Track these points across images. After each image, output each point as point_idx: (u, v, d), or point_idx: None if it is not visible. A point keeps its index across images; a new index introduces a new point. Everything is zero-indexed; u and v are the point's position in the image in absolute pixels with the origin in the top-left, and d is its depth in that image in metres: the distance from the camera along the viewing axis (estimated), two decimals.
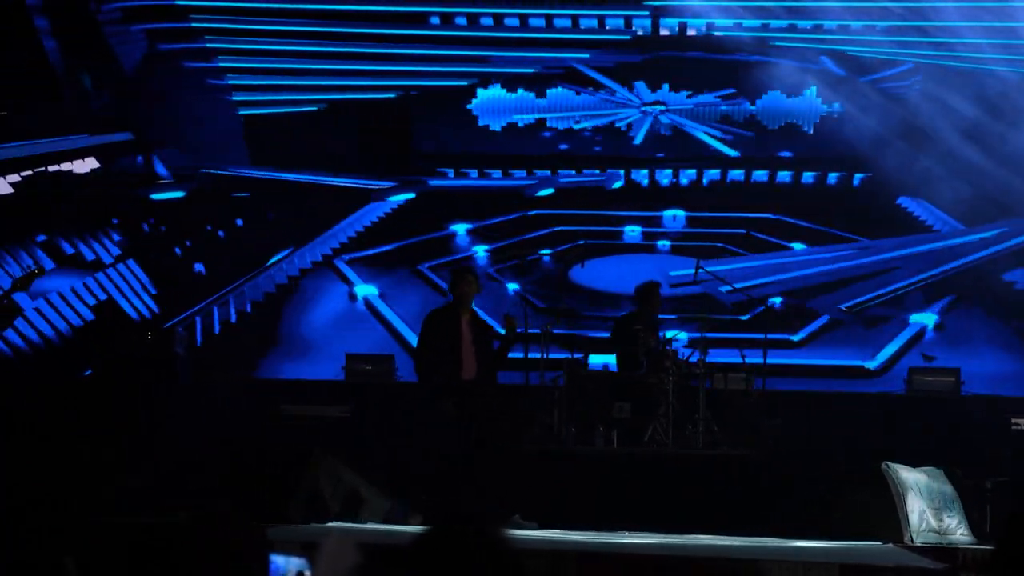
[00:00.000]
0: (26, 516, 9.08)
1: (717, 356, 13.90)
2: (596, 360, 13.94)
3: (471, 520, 3.86)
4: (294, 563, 4.61)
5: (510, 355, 11.45)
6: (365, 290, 16.39)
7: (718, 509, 11.68)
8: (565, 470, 12.32)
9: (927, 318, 15.81)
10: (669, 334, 13.34)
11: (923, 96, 15.73)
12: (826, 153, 16.63)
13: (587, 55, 16.69)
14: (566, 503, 11.67)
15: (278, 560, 5.65)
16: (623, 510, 11.50)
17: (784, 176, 16.83)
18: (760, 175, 16.87)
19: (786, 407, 13.78)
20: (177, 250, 16.78)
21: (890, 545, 8.89)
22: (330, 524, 9.82)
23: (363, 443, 12.36)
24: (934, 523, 9.60)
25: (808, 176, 16.80)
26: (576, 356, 13.56)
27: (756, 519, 11.06)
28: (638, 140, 16.82)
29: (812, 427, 13.59)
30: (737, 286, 14.62)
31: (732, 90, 16.68)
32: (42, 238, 15.87)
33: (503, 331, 11.30)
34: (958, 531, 9.74)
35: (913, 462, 10.47)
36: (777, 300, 14.94)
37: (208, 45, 16.79)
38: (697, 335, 13.49)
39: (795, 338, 15.76)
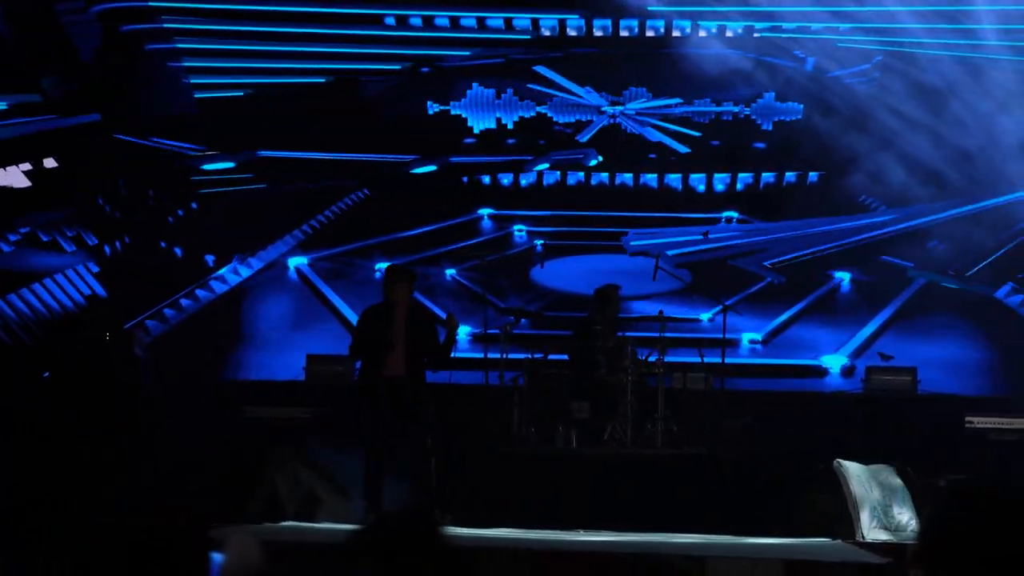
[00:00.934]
0: None
1: (676, 356, 14.00)
2: None
3: (402, 518, 3.88)
4: None
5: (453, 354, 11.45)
6: (323, 286, 16.38)
7: (676, 508, 11.75)
8: (525, 470, 12.37)
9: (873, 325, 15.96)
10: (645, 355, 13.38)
11: (882, 89, 15.76)
12: (787, 152, 16.63)
13: (556, 55, 16.66)
14: (525, 502, 11.72)
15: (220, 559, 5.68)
16: (581, 509, 11.56)
17: (746, 177, 16.89)
18: (722, 176, 16.93)
19: (745, 406, 13.87)
20: (127, 239, 16.73)
21: (838, 542, 8.97)
22: (284, 524, 9.85)
23: (324, 443, 12.34)
24: (884, 520, 9.68)
25: (768, 176, 16.86)
26: (536, 356, 13.64)
27: (714, 518, 11.13)
28: (584, 138, 16.83)
29: (770, 426, 13.67)
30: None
31: (692, 92, 16.72)
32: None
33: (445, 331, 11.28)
34: (908, 527, 9.83)
35: (870, 460, 10.58)
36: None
37: (165, 26, 16.74)
38: (656, 334, 13.58)
39: (759, 336, 15.85)
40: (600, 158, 16.88)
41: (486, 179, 16.98)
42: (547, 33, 16.65)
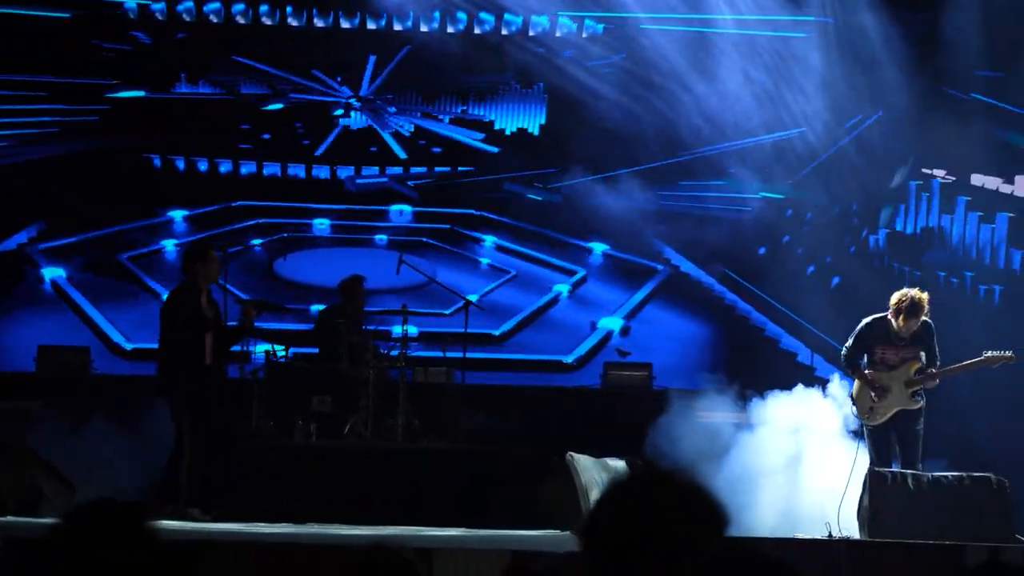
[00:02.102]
0: None
1: (419, 350, 14.04)
2: None
3: (103, 509, 3.77)
4: None
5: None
6: (52, 273, 15.81)
7: (413, 501, 11.82)
8: (263, 464, 12.25)
9: (614, 323, 16.29)
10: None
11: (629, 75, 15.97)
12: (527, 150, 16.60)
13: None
14: (261, 496, 11.63)
15: None
16: (318, 503, 11.52)
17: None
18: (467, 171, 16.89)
19: (487, 401, 14.04)
20: None
21: (567, 533, 9.13)
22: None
23: (54, 437, 11.99)
24: None
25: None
26: (277, 348, 13.52)
27: (450, 510, 11.23)
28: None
29: (512, 420, 13.87)
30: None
31: (435, 90, 16.67)
32: None
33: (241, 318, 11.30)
34: None
35: (604, 452, 10.85)
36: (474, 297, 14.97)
37: None
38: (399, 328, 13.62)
39: (496, 332, 16.01)
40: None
41: (225, 167, 16.57)
42: (294, 23, 16.37)
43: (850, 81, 15.27)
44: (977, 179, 15.30)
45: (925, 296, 10.66)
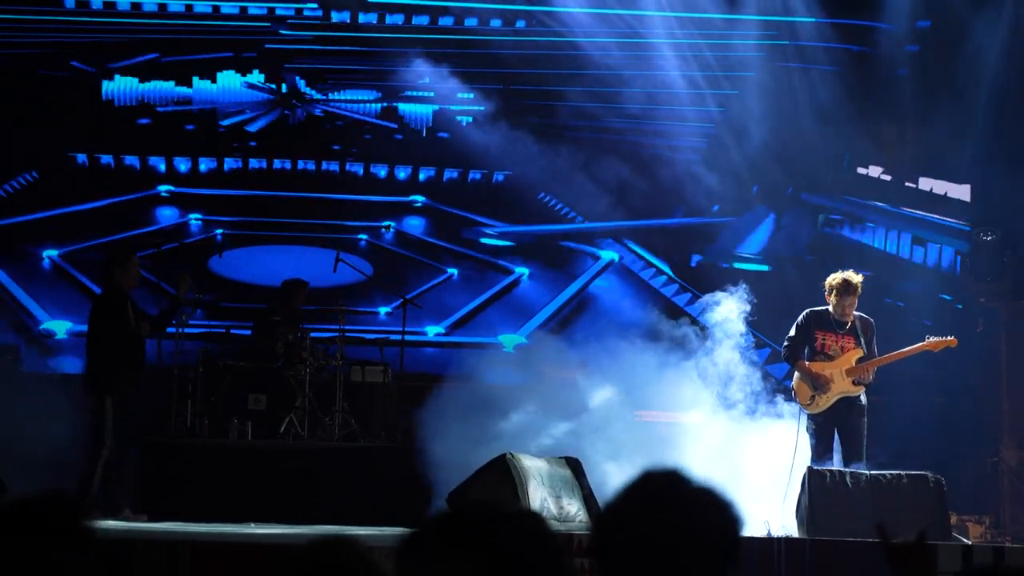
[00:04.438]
0: None
1: (356, 349, 13.94)
2: None
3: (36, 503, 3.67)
4: None
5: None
6: None
7: (352, 499, 11.77)
8: (198, 462, 12.14)
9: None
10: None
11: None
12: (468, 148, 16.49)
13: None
14: (198, 495, 11.54)
15: None
16: (255, 502, 11.44)
17: (429, 172, 16.84)
18: (404, 170, 16.81)
19: (424, 399, 13.96)
20: None
21: None
22: None
23: None
24: (554, 510, 9.88)
25: (451, 172, 16.83)
26: (211, 347, 13.43)
27: (390, 508, 11.17)
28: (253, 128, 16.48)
29: (449, 418, 13.79)
30: None
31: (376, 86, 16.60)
32: None
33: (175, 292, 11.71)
34: (577, 518, 10.07)
35: (545, 452, 10.83)
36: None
37: None
38: (336, 327, 13.55)
39: (441, 329, 15.96)
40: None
41: (161, 164, 16.40)
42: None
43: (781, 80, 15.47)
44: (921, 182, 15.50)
45: (859, 277, 10.73)
